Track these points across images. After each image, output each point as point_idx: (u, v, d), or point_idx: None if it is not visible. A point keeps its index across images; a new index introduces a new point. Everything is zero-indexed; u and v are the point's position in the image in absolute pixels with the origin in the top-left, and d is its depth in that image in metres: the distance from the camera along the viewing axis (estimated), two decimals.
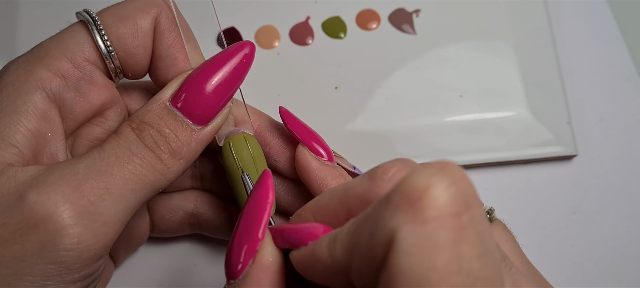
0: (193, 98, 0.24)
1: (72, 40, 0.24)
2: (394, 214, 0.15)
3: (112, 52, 0.24)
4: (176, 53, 0.25)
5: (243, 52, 0.25)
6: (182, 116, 0.24)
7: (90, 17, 0.24)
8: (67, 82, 0.24)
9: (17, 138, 0.22)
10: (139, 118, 0.24)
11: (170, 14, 0.25)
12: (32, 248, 0.20)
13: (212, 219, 0.31)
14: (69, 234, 0.21)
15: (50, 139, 0.23)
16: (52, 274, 0.21)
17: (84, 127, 0.25)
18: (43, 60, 0.23)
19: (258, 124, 0.28)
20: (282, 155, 0.28)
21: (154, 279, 0.33)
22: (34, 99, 0.23)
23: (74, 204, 0.21)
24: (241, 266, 0.21)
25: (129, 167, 0.22)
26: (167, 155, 0.23)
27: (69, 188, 0.21)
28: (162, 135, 0.23)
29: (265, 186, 0.22)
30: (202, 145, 0.25)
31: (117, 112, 0.26)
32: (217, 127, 0.25)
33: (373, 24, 0.38)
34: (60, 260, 0.21)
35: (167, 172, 0.24)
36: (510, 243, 0.23)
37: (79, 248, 0.21)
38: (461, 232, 0.15)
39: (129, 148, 0.23)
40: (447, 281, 0.15)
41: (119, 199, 0.22)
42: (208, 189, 0.31)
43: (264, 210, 0.22)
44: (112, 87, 0.25)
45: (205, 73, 0.24)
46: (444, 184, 0.15)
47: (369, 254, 0.16)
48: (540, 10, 0.38)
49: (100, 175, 0.22)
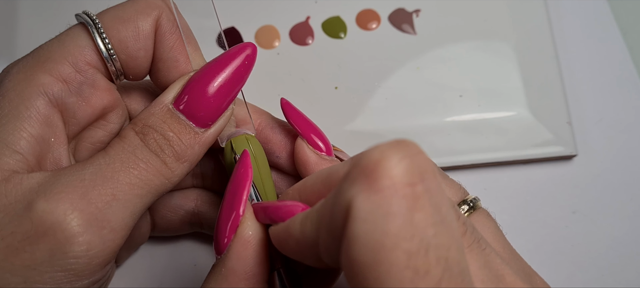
0: (195, 100, 0.24)
1: (73, 44, 0.24)
2: (351, 186, 0.16)
3: (113, 55, 0.24)
4: (177, 55, 0.25)
5: (245, 54, 0.25)
6: (185, 119, 0.24)
7: (90, 20, 0.24)
8: (69, 87, 0.23)
9: (21, 144, 0.22)
10: (142, 121, 0.24)
11: (171, 16, 0.25)
12: (41, 256, 0.20)
13: (213, 218, 0.31)
14: (78, 242, 0.21)
15: (53, 144, 0.23)
16: (62, 281, 0.21)
17: (86, 130, 0.25)
18: (44, 65, 0.23)
19: (259, 121, 0.28)
20: (283, 152, 0.28)
21: (154, 279, 0.33)
22: (36, 104, 0.22)
23: (82, 212, 0.21)
24: (226, 240, 0.22)
25: (135, 172, 0.23)
26: (171, 159, 0.23)
27: (76, 196, 0.21)
28: (166, 139, 0.23)
29: (244, 165, 0.24)
30: (206, 148, 0.25)
31: (118, 114, 0.26)
32: (220, 129, 0.25)
33: (373, 24, 0.38)
34: (70, 268, 0.21)
35: (172, 176, 0.24)
36: (493, 229, 0.23)
37: (89, 255, 0.21)
38: (415, 201, 0.16)
39: (133, 152, 0.23)
40: (400, 246, 0.15)
41: (126, 205, 0.22)
42: (209, 188, 0.31)
43: (243, 187, 0.23)
44: (113, 90, 0.25)
45: (207, 75, 0.24)
46: (398, 157, 0.16)
47: (332, 226, 0.17)
48: (540, 10, 0.38)
49: (107, 182, 0.22)
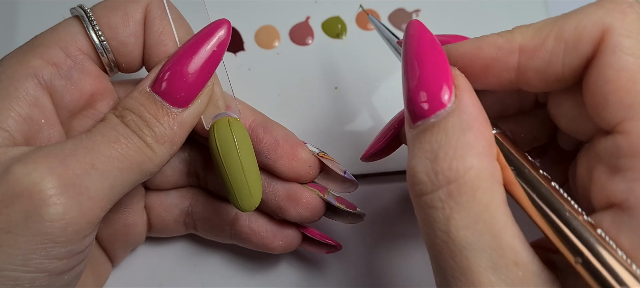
0: (171, 82, 0.24)
1: (65, 31, 0.25)
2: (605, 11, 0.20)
3: (103, 41, 0.25)
4: (166, 40, 0.26)
5: (218, 34, 0.25)
6: (161, 100, 0.24)
7: (82, 11, 0.25)
8: (59, 70, 0.24)
9: (9, 123, 0.23)
10: (121, 105, 0.24)
11: (160, 3, 0.26)
12: (17, 218, 0.20)
13: (206, 218, 0.31)
14: (54, 204, 0.21)
15: (44, 125, 0.24)
16: (37, 247, 0.21)
17: (76, 119, 0.26)
18: (36, 50, 0.24)
19: (252, 119, 0.29)
20: (272, 153, 0.28)
21: (153, 279, 0.33)
22: (25, 85, 0.23)
23: (59, 176, 0.21)
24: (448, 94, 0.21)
25: (115, 146, 0.23)
26: (151, 140, 0.24)
27: (55, 161, 0.21)
28: (144, 120, 0.24)
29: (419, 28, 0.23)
30: (186, 128, 0.25)
31: (109, 105, 0.26)
32: (199, 109, 0.25)
33: None
34: (46, 232, 0.21)
35: (154, 156, 0.24)
36: None
37: (65, 219, 0.21)
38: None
39: (115, 128, 0.23)
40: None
41: (105, 175, 0.22)
42: (204, 187, 0.31)
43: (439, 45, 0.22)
44: (104, 78, 0.26)
45: (181, 56, 0.24)
46: None
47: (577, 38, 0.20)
48: (540, 11, 0.38)
49: (88, 152, 0.22)
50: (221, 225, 0.30)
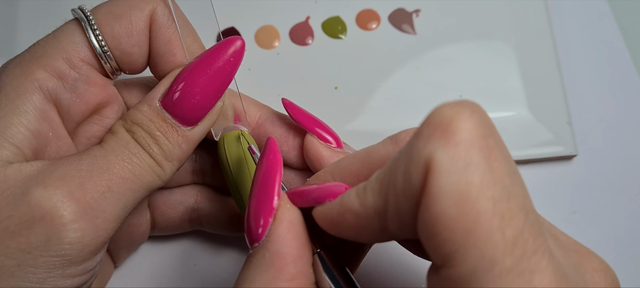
0: (181, 101, 0.24)
1: (67, 40, 0.24)
2: (427, 143, 0.17)
3: (107, 52, 0.24)
4: (174, 49, 0.25)
5: (231, 51, 0.24)
6: (171, 118, 0.24)
7: (84, 16, 0.24)
8: (64, 83, 0.24)
9: (19, 138, 0.22)
10: (131, 118, 0.24)
11: (166, 9, 0.25)
12: (37, 240, 0.21)
13: (213, 214, 0.31)
14: (73, 228, 0.21)
15: (52, 138, 0.24)
16: (55, 266, 0.21)
17: (82, 125, 0.25)
18: (40, 60, 0.23)
19: (259, 115, 0.29)
20: (284, 145, 0.28)
21: (154, 279, 0.33)
22: (32, 99, 0.23)
23: (78, 201, 0.22)
24: (262, 228, 0.21)
25: (129, 167, 0.23)
26: (160, 157, 0.24)
27: (74, 185, 0.22)
28: (153, 138, 0.24)
29: (273, 150, 0.23)
30: (193, 145, 0.25)
31: (114, 109, 0.26)
32: (208, 126, 0.25)
33: (373, 24, 0.38)
34: (64, 253, 0.21)
35: (162, 173, 0.24)
36: None
37: (82, 242, 0.22)
38: (490, 151, 0.16)
39: (126, 146, 0.23)
40: (484, 194, 0.16)
41: (119, 197, 0.23)
42: (209, 184, 0.31)
43: (275, 172, 0.22)
44: (109, 86, 0.26)
45: (193, 74, 0.24)
46: (468, 112, 0.17)
47: (406, 186, 0.17)
48: (540, 10, 0.38)
49: (103, 173, 0.22)
50: (230, 219, 0.31)
